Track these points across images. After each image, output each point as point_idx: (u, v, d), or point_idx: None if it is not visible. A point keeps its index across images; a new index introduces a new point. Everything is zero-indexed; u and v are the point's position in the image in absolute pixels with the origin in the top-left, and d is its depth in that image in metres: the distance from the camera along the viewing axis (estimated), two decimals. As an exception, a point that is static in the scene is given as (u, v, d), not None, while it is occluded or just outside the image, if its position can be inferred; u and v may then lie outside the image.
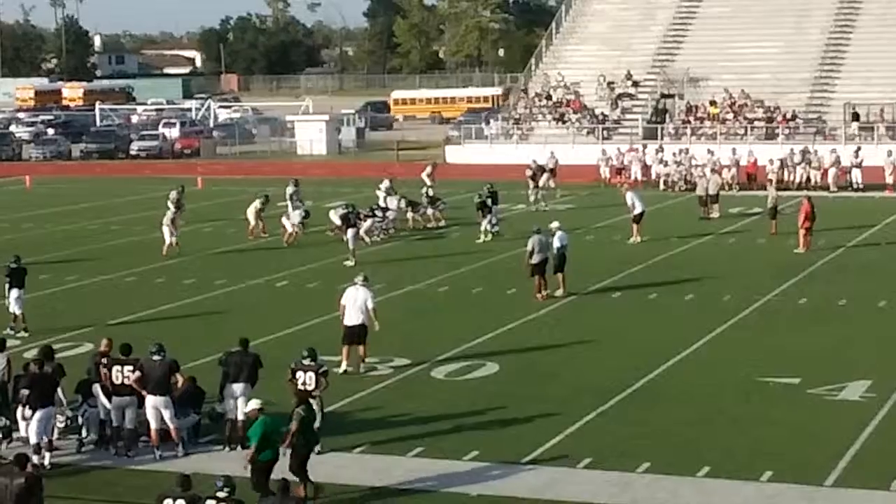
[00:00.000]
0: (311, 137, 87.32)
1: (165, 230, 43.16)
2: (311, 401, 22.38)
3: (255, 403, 20.80)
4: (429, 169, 56.67)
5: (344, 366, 27.30)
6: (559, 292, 35.39)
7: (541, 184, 55.95)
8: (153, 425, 22.36)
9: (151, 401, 22.28)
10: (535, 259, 35.12)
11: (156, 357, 22.55)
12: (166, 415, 22.32)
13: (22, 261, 32.90)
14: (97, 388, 22.82)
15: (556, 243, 35.71)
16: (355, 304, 27.68)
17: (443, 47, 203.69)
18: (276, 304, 35.67)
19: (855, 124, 71.20)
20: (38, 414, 21.71)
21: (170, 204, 45.86)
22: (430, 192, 51.34)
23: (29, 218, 51.45)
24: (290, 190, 48.63)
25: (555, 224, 36.85)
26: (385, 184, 50.90)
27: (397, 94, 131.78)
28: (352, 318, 27.60)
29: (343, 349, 27.53)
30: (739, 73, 76.99)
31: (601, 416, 24.32)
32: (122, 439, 22.52)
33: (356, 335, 27.59)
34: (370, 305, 27.79)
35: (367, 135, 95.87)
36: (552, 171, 61.14)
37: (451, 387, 26.75)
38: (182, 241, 44.65)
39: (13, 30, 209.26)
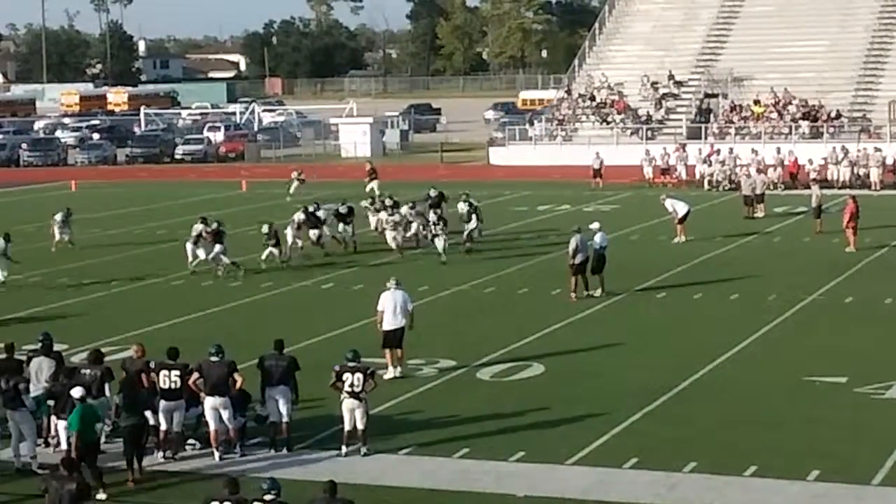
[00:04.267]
0: (355, 140, 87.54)
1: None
2: (358, 402, 22.43)
3: (77, 392, 21.04)
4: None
5: (391, 371, 27.35)
6: (598, 293, 35.35)
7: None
8: (212, 426, 22.45)
9: (210, 402, 22.38)
10: (578, 259, 35.10)
11: (214, 358, 22.67)
12: (225, 415, 22.42)
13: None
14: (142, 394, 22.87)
15: (596, 243, 35.70)
16: (395, 307, 27.65)
17: (486, 49, 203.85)
18: (322, 306, 35.77)
19: (900, 122, 70.82)
20: (63, 422, 21.71)
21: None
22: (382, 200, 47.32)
23: (75, 222, 51.59)
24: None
25: (595, 225, 36.82)
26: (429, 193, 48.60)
27: (525, 94, 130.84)
28: (393, 321, 27.57)
29: (386, 354, 27.55)
30: (783, 72, 76.72)
31: (647, 416, 24.29)
32: (169, 442, 22.64)
33: (398, 339, 27.60)
34: (410, 308, 27.84)
35: (411, 137, 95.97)
36: (598, 171, 61.30)
37: (497, 388, 26.77)
38: (229, 245, 44.87)
39: (58, 35, 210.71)
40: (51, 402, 22.33)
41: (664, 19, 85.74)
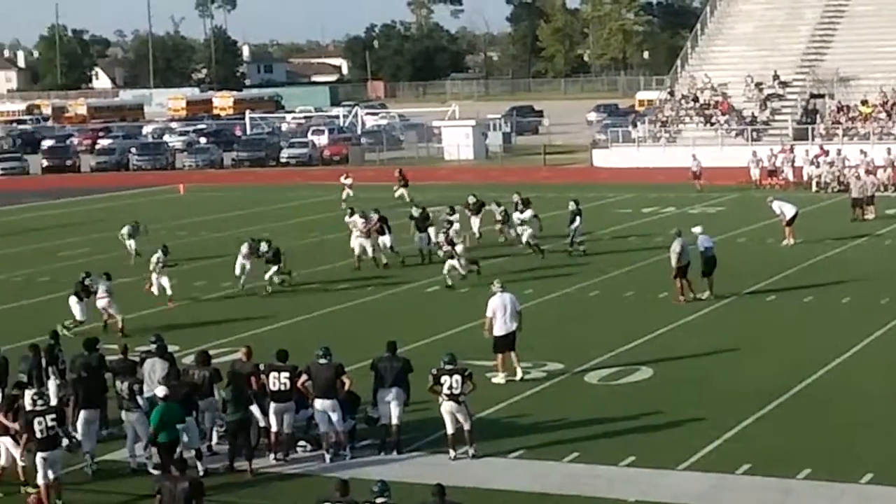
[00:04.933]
0: (457, 142, 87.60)
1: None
2: (457, 405, 22.41)
3: (161, 391, 21.48)
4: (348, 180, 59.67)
5: (502, 376, 27.22)
6: (706, 295, 35.04)
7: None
8: (321, 428, 22.54)
9: (320, 404, 22.46)
10: (681, 261, 34.84)
11: (322, 360, 22.75)
12: (334, 417, 22.50)
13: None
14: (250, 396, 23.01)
15: (700, 246, 35.38)
16: (506, 310, 27.52)
17: (587, 50, 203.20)
18: (427, 308, 35.80)
19: None
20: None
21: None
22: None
23: (184, 226, 52.28)
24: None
25: (697, 228, 36.49)
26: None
27: (642, 95, 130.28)
28: (504, 326, 27.41)
29: (499, 358, 27.45)
30: (890, 71, 75.57)
31: (759, 421, 24.00)
32: (280, 444, 22.76)
33: (510, 342, 27.49)
34: (519, 309, 27.75)
35: (513, 139, 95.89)
36: (696, 174, 60.88)
37: (605, 391, 26.62)
38: (332, 247, 45.18)
39: (164, 41, 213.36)
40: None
41: (767, 19, 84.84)
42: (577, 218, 43.43)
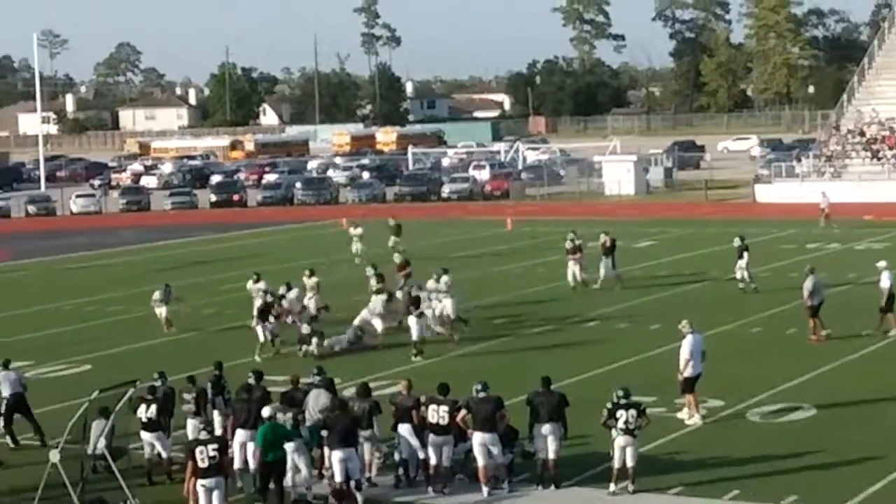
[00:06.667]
0: (618, 178, 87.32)
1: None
2: (631, 439, 22.36)
3: (266, 411, 22.25)
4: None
5: (697, 417, 26.97)
6: (893, 332, 34.48)
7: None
8: (480, 462, 22.62)
9: (479, 437, 22.57)
10: (814, 300, 34.37)
11: (481, 394, 22.90)
12: (494, 451, 22.61)
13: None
14: (408, 427, 23.26)
15: (884, 282, 34.81)
16: (699, 351, 27.29)
17: (750, 85, 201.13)
18: (583, 343, 35.74)
19: None
20: (338, 454, 22.26)
21: None
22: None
23: (347, 259, 52.87)
24: None
25: (881, 263, 35.88)
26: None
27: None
28: (697, 367, 27.13)
29: (689, 399, 27.14)
30: None
31: (925, 462, 23.53)
32: (438, 477, 22.93)
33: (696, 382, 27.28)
34: (703, 349, 27.56)
35: (675, 174, 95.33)
36: (824, 210, 60.07)
37: (767, 429, 26.32)
38: (493, 282, 45.41)
39: (330, 78, 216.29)
40: (324, 433, 22.85)
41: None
42: (745, 253, 43.00)
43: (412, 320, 34.28)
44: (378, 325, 36.17)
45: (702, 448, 24.87)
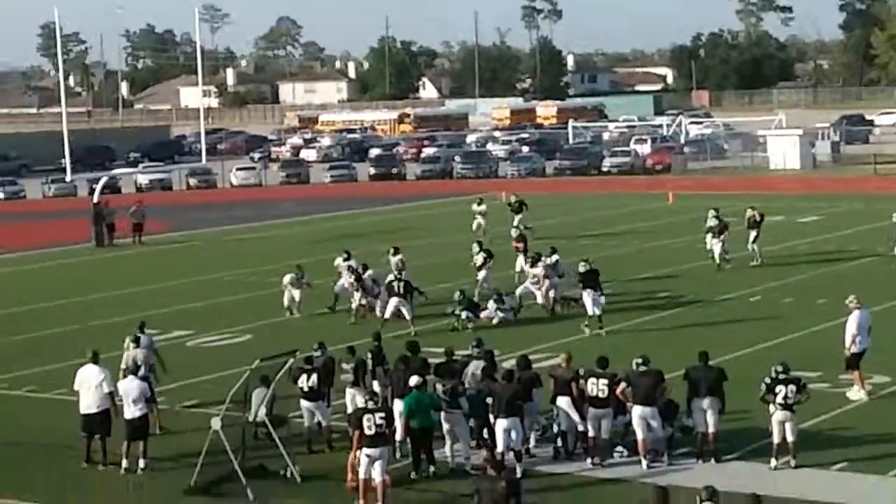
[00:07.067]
0: (783, 152, 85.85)
1: None
2: (790, 414, 21.94)
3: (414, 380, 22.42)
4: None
5: (863, 393, 26.42)
6: None
7: None
8: (640, 435, 22.48)
9: (639, 411, 22.43)
10: None
11: (642, 367, 22.73)
12: (653, 424, 22.45)
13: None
14: (567, 400, 23.13)
15: None
16: (866, 327, 26.89)
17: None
18: (747, 318, 35.22)
19: None
20: (502, 423, 22.25)
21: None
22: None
23: (504, 233, 52.76)
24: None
25: None
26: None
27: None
28: (864, 343, 26.73)
29: (855, 375, 26.64)
30: None
31: None
32: (597, 449, 22.79)
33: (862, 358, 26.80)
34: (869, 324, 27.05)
35: (842, 149, 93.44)
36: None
37: (934, 407, 25.69)
38: (654, 256, 44.96)
39: (490, 52, 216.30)
40: (489, 401, 22.78)
41: None
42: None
43: (586, 294, 33.93)
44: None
45: (867, 424, 24.37)
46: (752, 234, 43.70)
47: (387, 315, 34.55)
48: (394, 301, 34.58)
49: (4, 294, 44.50)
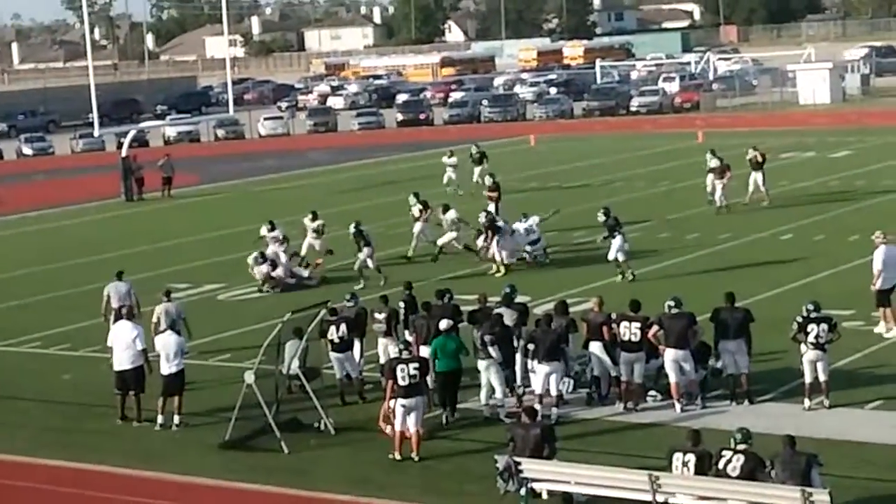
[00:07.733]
0: (813, 86, 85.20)
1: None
2: (822, 353, 21.82)
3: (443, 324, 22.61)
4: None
5: (895, 330, 26.27)
6: None
7: None
8: (673, 379, 22.42)
9: (671, 354, 22.35)
10: None
11: (674, 310, 22.64)
12: (686, 367, 22.38)
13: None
14: (599, 345, 23.08)
15: None
16: (894, 263, 26.70)
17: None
18: (778, 257, 35.04)
19: None
20: (544, 368, 22.26)
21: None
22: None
23: (535, 176, 52.72)
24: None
25: None
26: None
27: None
28: (893, 278, 26.58)
29: (882, 311, 26.53)
30: None
31: None
32: (630, 394, 22.76)
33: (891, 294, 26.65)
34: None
35: (872, 81, 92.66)
36: None
37: (970, 342, 25.55)
38: (683, 196, 44.73)
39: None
40: (530, 346, 22.74)
41: None
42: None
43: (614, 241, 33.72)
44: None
45: (901, 361, 24.26)
46: (759, 176, 42.64)
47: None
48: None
49: (36, 252, 44.68)
